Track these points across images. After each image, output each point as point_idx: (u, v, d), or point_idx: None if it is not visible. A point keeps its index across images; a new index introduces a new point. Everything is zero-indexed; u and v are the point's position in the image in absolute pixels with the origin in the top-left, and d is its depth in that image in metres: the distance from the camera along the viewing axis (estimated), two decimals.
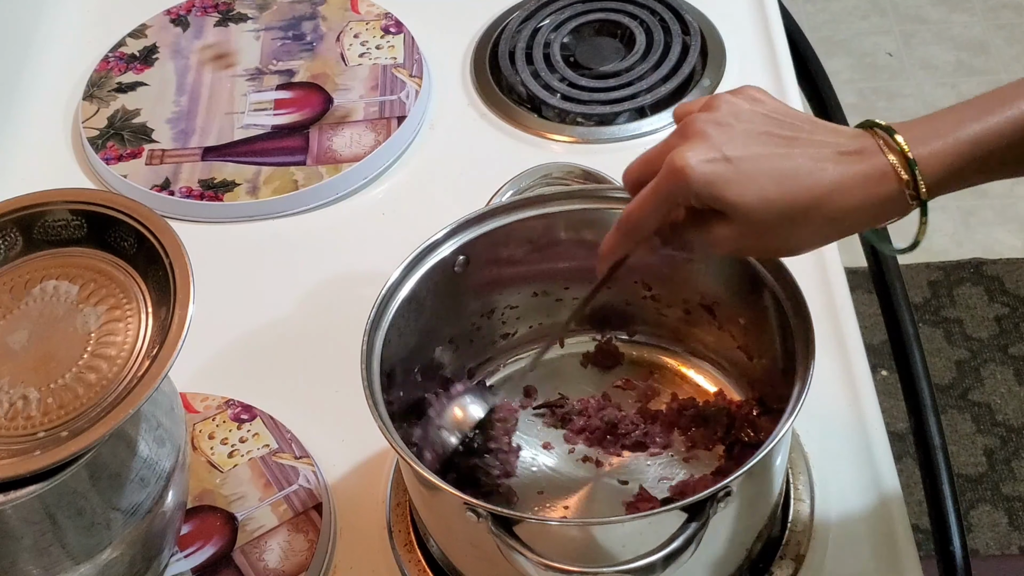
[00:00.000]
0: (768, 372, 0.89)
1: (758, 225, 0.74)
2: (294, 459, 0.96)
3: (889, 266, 1.15)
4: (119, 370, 0.77)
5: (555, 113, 1.21)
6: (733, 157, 0.73)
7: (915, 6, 2.70)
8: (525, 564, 0.75)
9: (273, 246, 1.14)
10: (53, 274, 0.82)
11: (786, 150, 0.74)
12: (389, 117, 1.20)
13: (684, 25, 1.26)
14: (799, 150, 0.74)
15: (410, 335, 0.89)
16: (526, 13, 1.29)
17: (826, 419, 0.95)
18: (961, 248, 2.25)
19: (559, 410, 0.94)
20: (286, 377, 1.04)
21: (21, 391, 0.77)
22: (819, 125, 0.77)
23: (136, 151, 1.19)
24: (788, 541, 0.89)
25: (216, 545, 0.91)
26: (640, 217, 0.77)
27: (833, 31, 2.65)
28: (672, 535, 0.75)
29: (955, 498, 0.99)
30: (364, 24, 1.29)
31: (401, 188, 1.17)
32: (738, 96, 0.77)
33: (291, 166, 1.17)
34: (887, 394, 1.38)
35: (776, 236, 0.75)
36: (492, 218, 0.91)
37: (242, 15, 1.31)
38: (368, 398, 0.81)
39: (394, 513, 0.93)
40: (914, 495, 1.14)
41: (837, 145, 0.75)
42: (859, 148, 0.75)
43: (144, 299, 0.80)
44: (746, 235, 0.75)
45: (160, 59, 1.28)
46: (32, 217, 0.84)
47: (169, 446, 0.83)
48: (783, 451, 0.86)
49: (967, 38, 2.61)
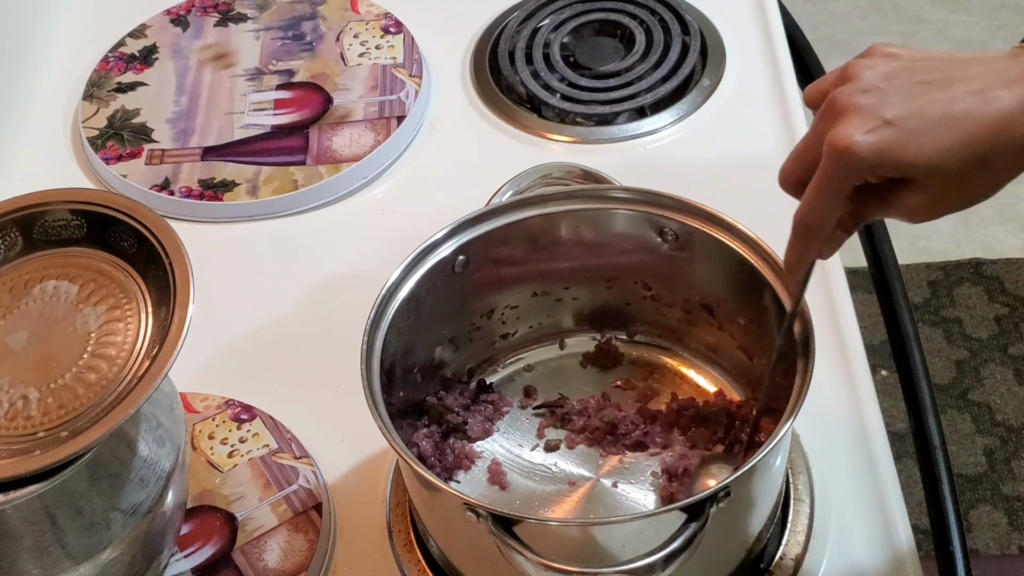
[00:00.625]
0: (766, 373, 0.89)
1: (947, 178, 0.70)
2: (294, 459, 0.96)
3: (889, 266, 1.15)
4: (119, 370, 0.77)
5: (555, 113, 1.21)
6: (895, 118, 0.69)
7: (915, 6, 2.70)
8: (525, 564, 0.75)
9: (273, 246, 1.14)
10: (53, 274, 0.82)
11: (947, 93, 0.70)
12: (389, 117, 1.20)
13: (684, 25, 1.26)
14: (960, 89, 0.70)
15: (410, 335, 0.89)
16: (526, 13, 1.29)
17: (826, 419, 0.95)
18: (961, 248, 2.25)
19: (559, 410, 0.94)
20: (286, 377, 1.04)
21: (21, 391, 0.77)
22: (968, 60, 0.72)
23: (136, 151, 1.19)
24: (788, 541, 0.89)
25: (216, 545, 0.91)
26: (818, 215, 0.73)
27: (833, 31, 2.65)
28: (672, 535, 0.75)
29: (955, 498, 0.98)
30: (364, 24, 1.29)
31: (401, 188, 1.17)
32: (871, 57, 0.73)
33: (291, 166, 1.17)
34: (887, 394, 1.38)
35: (970, 183, 0.71)
36: (492, 218, 0.91)
37: (242, 15, 1.31)
38: (368, 398, 0.81)
39: (394, 513, 0.93)
40: (914, 495, 1.14)
41: (998, 72, 0.70)
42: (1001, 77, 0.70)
43: (144, 299, 0.80)
44: (939, 193, 0.71)
45: (160, 59, 1.28)
46: (32, 217, 0.84)
47: (169, 446, 0.83)
48: (783, 451, 0.86)
49: (967, 38, 2.61)
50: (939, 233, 2.26)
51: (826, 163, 0.71)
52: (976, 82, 0.70)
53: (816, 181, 0.72)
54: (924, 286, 2.19)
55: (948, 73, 0.71)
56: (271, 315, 1.08)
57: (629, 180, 0.98)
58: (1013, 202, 2.31)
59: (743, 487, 0.79)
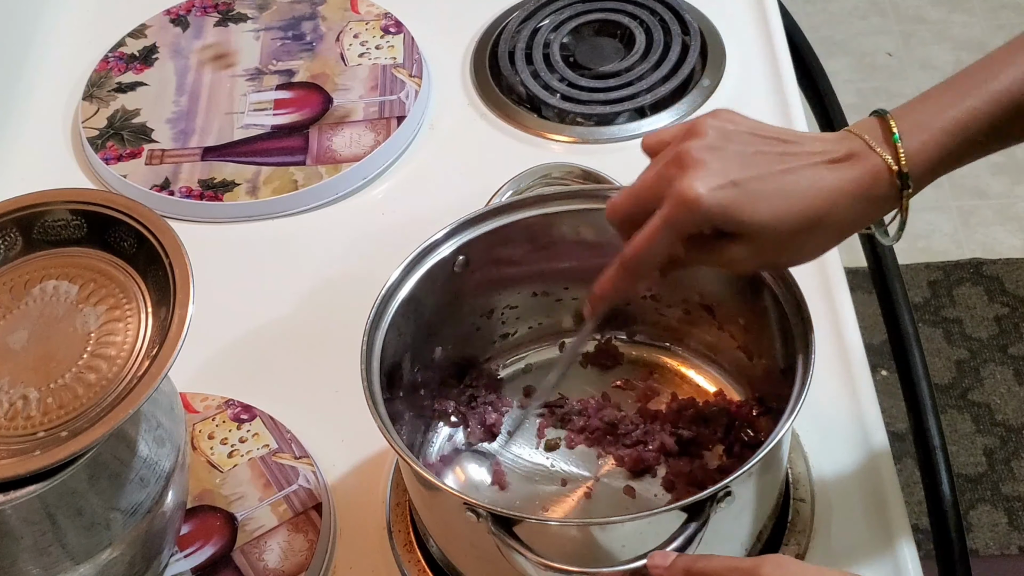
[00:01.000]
0: (768, 372, 0.89)
1: (773, 241, 0.76)
2: (294, 459, 0.96)
3: (889, 266, 1.15)
4: (119, 370, 0.77)
5: (555, 113, 1.21)
6: (740, 180, 0.75)
7: (915, 6, 2.70)
8: (525, 564, 0.75)
9: (273, 246, 1.14)
10: (53, 274, 0.82)
11: (785, 165, 0.76)
12: (389, 117, 1.20)
13: (684, 25, 1.26)
14: (795, 163, 0.76)
15: (410, 335, 0.89)
16: (526, 13, 1.29)
17: (826, 419, 0.95)
18: (961, 248, 2.25)
19: (559, 410, 0.94)
20: (286, 377, 1.04)
21: (21, 391, 0.77)
22: (802, 136, 0.79)
23: (136, 151, 1.19)
24: (788, 541, 0.89)
25: (216, 545, 0.91)
26: (649, 253, 0.77)
27: (833, 31, 2.65)
28: (672, 535, 0.75)
29: (955, 498, 0.99)
30: (364, 24, 1.29)
31: (401, 188, 1.17)
32: (717, 119, 0.78)
33: (291, 166, 1.17)
34: (887, 394, 1.37)
35: (790, 248, 0.77)
36: (492, 218, 0.91)
37: (242, 15, 1.31)
38: (368, 398, 0.81)
39: (394, 513, 0.93)
40: (914, 495, 1.14)
41: (826, 153, 0.77)
42: (848, 152, 0.76)
43: (144, 299, 0.80)
44: (761, 251, 0.77)
45: (160, 59, 1.28)
46: (32, 217, 0.84)
47: (169, 446, 0.83)
48: (783, 451, 0.86)
49: (967, 38, 2.61)
50: (939, 233, 2.26)
51: (671, 208, 0.75)
52: (809, 159, 0.76)
53: (657, 222, 0.76)
54: (924, 286, 2.19)
55: (785, 147, 0.77)
56: (271, 315, 1.08)
57: (629, 180, 0.98)
58: (1013, 202, 2.31)
59: (743, 487, 0.79)
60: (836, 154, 0.76)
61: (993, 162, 2.34)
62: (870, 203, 0.76)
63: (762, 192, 0.75)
